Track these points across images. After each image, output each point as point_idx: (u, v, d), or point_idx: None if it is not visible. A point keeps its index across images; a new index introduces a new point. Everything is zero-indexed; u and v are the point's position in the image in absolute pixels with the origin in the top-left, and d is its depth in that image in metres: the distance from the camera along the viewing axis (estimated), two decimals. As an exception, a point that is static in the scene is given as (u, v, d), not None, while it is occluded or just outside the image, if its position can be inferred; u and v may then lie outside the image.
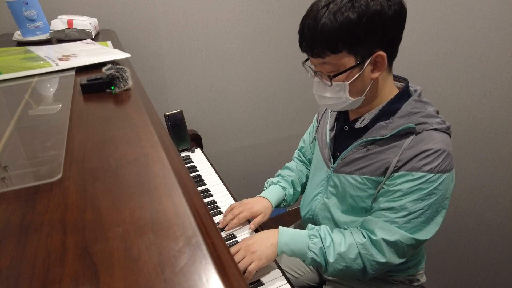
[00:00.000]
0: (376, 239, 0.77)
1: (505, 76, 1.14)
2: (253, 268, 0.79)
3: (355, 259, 0.78)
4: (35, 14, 1.05)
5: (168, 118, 1.35)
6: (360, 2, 0.68)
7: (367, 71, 0.75)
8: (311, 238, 0.82)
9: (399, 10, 0.70)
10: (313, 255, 0.80)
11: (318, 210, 0.94)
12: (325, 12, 0.70)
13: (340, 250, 0.79)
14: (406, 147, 0.74)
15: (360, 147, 0.83)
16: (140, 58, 1.49)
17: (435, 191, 0.73)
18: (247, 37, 1.66)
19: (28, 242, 0.31)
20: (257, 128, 1.92)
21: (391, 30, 0.72)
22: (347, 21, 0.68)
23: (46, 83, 0.74)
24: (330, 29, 0.69)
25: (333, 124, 0.94)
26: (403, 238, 0.75)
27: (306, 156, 1.14)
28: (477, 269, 1.39)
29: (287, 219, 1.49)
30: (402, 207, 0.74)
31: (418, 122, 0.75)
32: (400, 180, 0.75)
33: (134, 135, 0.51)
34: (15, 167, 0.45)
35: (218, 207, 1.07)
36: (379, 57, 0.73)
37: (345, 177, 0.86)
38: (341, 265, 0.79)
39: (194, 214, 0.35)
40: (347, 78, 0.75)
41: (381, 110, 0.80)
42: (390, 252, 0.77)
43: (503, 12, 1.10)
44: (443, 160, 0.72)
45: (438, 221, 0.77)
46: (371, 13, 0.68)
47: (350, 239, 0.80)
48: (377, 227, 0.77)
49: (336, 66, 0.74)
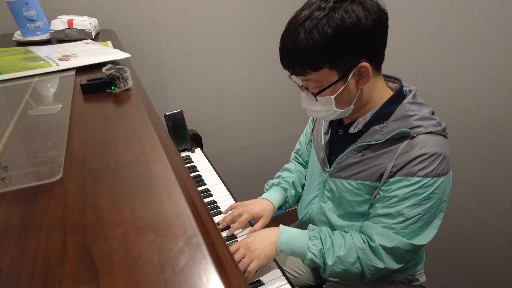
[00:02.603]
0: (374, 245, 0.76)
1: (505, 76, 1.14)
2: (253, 267, 0.79)
3: (354, 263, 0.78)
4: (35, 14, 1.05)
5: (168, 118, 1.35)
6: (335, 17, 0.66)
7: (352, 83, 0.73)
8: (311, 239, 0.82)
9: (378, 20, 0.68)
10: (312, 256, 0.80)
11: (314, 214, 0.94)
12: (301, 30, 0.68)
13: (340, 253, 0.78)
14: (401, 151, 0.74)
15: (355, 152, 0.82)
16: (140, 58, 1.49)
17: (432, 195, 0.72)
18: (247, 37, 1.66)
19: (28, 242, 0.31)
20: (257, 128, 1.92)
21: (371, 40, 0.70)
22: (324, 37, 0.66)
23: (46, 83, 0.74)
24: (308, 48, 0.68)
25: (327, 127, 0.93)
26: (401, 244, 0.74)
27: (303, 158, 1.13)
28: (477, 269, 1.39)
29: (287, 219, 1.49)
30: (399, 213, 0.74)
31: (413, 126, 0.74)
32: (396, 186, 0.74)
33: (134, 135, 0.51)
34: (15, 167, 0.45)
35: (218, 207, 1.07)
36: (363, 68, 0.71)
37: (341, 182, 0.85)
38: (340, 268, 0.79)
39: (194, 214, 0.35)
40: (332, 93, 0.73)
41: (375, 114, 0.79)
42: (388, 258, 0.76)
43: (503, 12, 1.10)
44: (439, 164, 0.72)
45: (436, 224, 0.76)
46: (347, 27, 0.66)
47: (350, 243, 0.79)
48: (375, 233, 0.77)
49: (319, 82, 0.73)
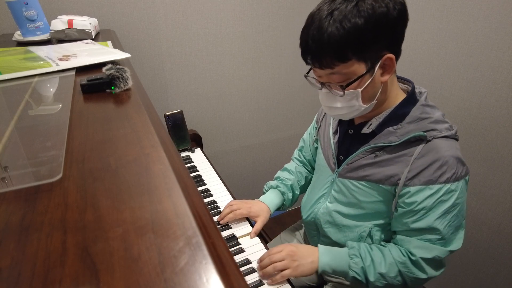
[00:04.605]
0: (415, 259, 0.76)
1: (505, 76, 1.14)
2: (286, 274, 0.80)
3: (395, 277, 0.79)
4: (35, 14, 1.05)
5: (168, 118, 1.35)
6: (365, 6, 0.66)
7: (377, 76, 0.72)
8: (351, 257, 0.81)
9: (403, 10, 0.69)
10: (354, 274, 0.80)
11: (320, 214, 0.94)
12: (330, 21, 0.67)
13: (381, 270, 0.78)
14: (417, 156, 0.73)
15: (367, 152, 0.81)
16: (140, 58, 1.49)
17: (457, 201, 0.73)
18: (247, 37, 1.66)
19: (28, 242, 0.31)
20: (257, 128, 1.92)
21: (396, 30, 0.70)
22: (355, 27, 0.65)
23: (46, 83, 0.74)
24: (338, 38, 0.66)
25: (336, 127, 0.92)
26: (440, 252, 0.75)
27: (306, 156, 1.13)
28: (477, 269, 1.39)
29: (287, 219, 1.49)
30: (431, 226, 0.74)
31: (428, 129, 0.74)
32: (420, 198, 0.73)
33: (134, 135, 0.51)
34: (15, 167, 0.45)
35: (218, 207, 1.07)
36: (388, 60, 0.71)
37: (352, 183, 0.85)
38: (382, 283, 0.79)
39: (194, 214, 0.35)
40: (359, 86, 0.72)
41: (389, 115, 0.78)
42: (429, 267, 0.77)
43: (503, 12, 1.10)
44: (457, 167, 0.72)
45: (463, 225, 0.77)
46: (378, 16, 0.66)
47: (390, 259, 0.79)
48: (413, 247, 0.77)
49: (346, 75, 0.71)
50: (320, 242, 0.98)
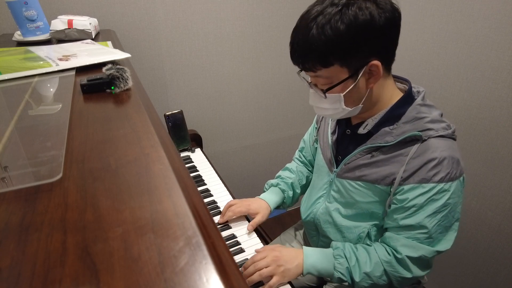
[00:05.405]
0: (401, 257, 0.76)
1: (505, 76, 1.14)
2: (274, 283, 0.79)
3: (381, 276, 0.78)
4: (35, 14, 1.05)
5: (168, 118, 1.35)
6: (348, 13, 0.65)
7: (362, 81, 0.72)
8: (336, 258, 0.81)
9: (391, 18, 0.67)
10: (339, 275, 0.80)
11: (319, 214, 0.94)
12: (313, 26, 0.67)
13: (366, 269, 0.78)
14: (412, 155, 0.73)
15: (364, 153, 0.81)
16: (140, 58, 1.49)
17: (449, 201, 0.72)
18: (247, 37, 1.66)
19: (29, 242, 0.31)
20: (257, 128, 1.92)
21: (384, 38, 0.69)
22: (336, 33, 0.65)
23: (46, 83, 0.74)
24: (319, 44, 0.67)
25: (334, 127, 0.92)
26: (427, 252, 0.75)
27: (307, 157, 1.13)
28: (477, 269, 1.39)
29: (287, 219, 1.49)
30: (420, 224, 0.74)
31: (424, 128, 0.73)
32: (412, 195, 0.73)
33: (134, 135, 0.51)
34: (15, 167, 0.45)
35: (218, 207, 1.07)
36: (374, 67, 0.70)
37: (349, 183, 0.85)
38: (367, 282, 0.79)
39: (194, 214, 0.35)
40: (342, 90, 0.73)
41: (385, 115, 0.78)
42: (415, 267, 0.77)
43: (503, 12, 1.10)
44: (452, 167, 0.71)
45: (455, 227, 0.76)
46: (360, 24, 0.65)
47: (375, 258, 0.79)
48: (400, 245, 0.77)
49: (329, 79, 0.72)
50: (320, 242, 0.98)
